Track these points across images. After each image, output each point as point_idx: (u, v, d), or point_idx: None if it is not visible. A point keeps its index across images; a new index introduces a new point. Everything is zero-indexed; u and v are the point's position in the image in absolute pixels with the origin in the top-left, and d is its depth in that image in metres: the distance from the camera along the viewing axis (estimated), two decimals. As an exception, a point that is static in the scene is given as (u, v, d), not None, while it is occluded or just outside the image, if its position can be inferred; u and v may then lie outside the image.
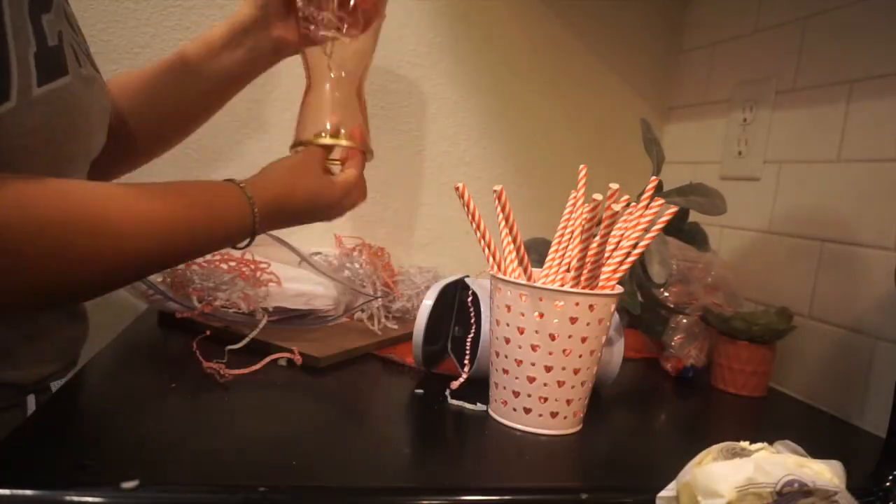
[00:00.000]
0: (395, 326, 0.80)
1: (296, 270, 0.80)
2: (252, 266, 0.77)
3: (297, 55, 0.70)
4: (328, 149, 0.66)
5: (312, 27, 0.66)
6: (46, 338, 0.56)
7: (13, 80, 0.43)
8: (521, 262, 0.56)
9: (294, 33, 0.67)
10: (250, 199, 0.56)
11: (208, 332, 0.69)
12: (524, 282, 0.54)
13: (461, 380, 0.62)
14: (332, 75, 0.68)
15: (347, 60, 0.68)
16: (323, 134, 0.66)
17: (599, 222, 0.51)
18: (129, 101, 0.67)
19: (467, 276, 0.69)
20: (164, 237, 0.50)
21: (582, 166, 0.61)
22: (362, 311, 0.81)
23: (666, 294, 0.81)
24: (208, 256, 0.75)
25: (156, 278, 0.75)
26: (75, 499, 0.37)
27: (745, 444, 0.41)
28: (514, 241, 0.56)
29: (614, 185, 0.53)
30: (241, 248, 0.59)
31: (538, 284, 0.53)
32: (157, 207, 0.50)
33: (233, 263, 0.76)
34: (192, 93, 0.69)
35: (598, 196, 0.51)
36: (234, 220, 0.56)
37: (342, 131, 0.67)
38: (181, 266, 0.74)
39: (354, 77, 0.69)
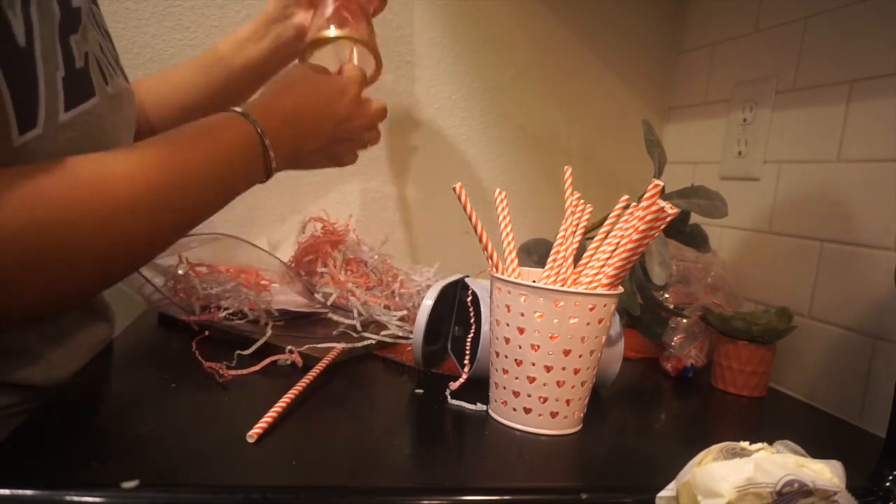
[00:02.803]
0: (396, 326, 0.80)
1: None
2: (252, 272, 0.77)
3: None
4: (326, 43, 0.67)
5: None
6: (73, 339, 0.57)
7: (41, 106, 0.42)
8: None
9: None
10: (255, 122, 0.53)
11: (207, 333, 0.69)
12: (524, 282, 0.54)
13: (461, 380, 0.62)
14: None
15: None
16: (323, 32, 0.67)
17: (601, 223, 0.51)
18: (155, 102, 0.70)
19: (467, 276, 0.69)
20: (163, 203, 0.47)
21: (566, 168, 0.61)
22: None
23: (666, 296, 0.81)
24: (206, 261, 0.76)
25: (157, 284, 0.75)
26: (75, 499, 0.37)
27: (745, 444, 0.41)
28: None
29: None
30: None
31: (538, 284, 0.53)
32: (152, 173, 0.46)
33: (233, 269, 0.76)
34: (218, 86, 0.71)
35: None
36: (242, 155, 0.53)
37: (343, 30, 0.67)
38: (182, 271, 0.74)
39: None
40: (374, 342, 0.72)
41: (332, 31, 0.65)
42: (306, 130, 0.59)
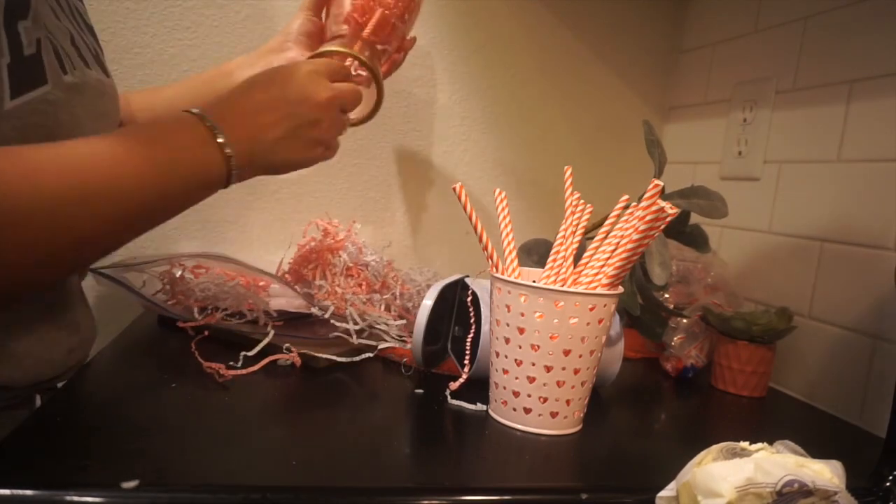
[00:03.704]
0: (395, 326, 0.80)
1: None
2: (249, 275, 0.77)
3: None
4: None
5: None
6: (59, 339, 0.56)
7: None
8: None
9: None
10: (212, 126, 0.50)
11: (207, 333, 0.69)
12: (524, 282, 0.54)
13: (461, 380, 0.62)
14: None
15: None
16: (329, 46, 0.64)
17: (601, 223, 0.51)
18: (147, 116, 0.70)
19: (467, 276, 0.69)
20: (135, 191, 0.46)
21: (566, 167, 0.61)
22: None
23: (666, 296, 0.81)
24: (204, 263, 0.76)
25: (156, 286, 0.75)
26: (75, 499, 0.37)
27: (745, 444, 0.41)
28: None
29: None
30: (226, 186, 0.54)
31: (538, 284, 0.53)
32: (93, 162, 0.45)
33: (231, 273, 0.76)
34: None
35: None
36: (191, 154, 0.50)
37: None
38: (178, 273, 0.74)
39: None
40: (374, 344, 0.71)
41: (336, 46, 0.62)
42: (265, 118, 0.55)
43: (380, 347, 0.70)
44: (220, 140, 0.51)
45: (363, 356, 0.69)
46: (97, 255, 0.50)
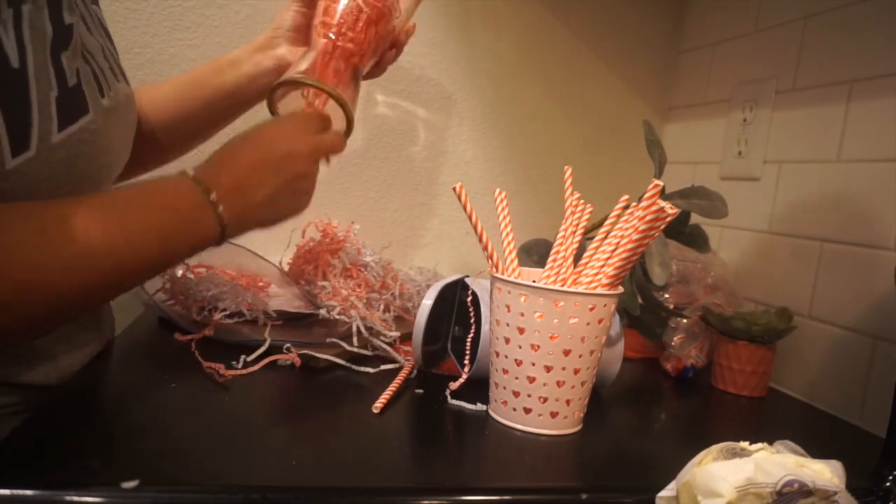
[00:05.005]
0: (394, 326, 0.80)
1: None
2: (250, 276, 0.77)
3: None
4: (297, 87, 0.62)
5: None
6: (76, 341, 0.57)
7: (34, 128, 0.42)
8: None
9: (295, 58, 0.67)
10: (205, 190, 0.49)
11: (206, 333, 0.69)
12: (524, 282, 0.54)
13: (461, 380, 0.62)
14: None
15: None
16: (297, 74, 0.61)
17: (601, 223, 0.51)
18: (154, 109, 0.70)
19: (467, 276, 0.69)
20: (107, 260, 0.44)
21: (566, 167, 0.61)
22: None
23: (666, 296, 0.81)
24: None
25: (156, 285, 0.75)
26: (75, 499, 0.37)
27: (745, 444, 0.41)
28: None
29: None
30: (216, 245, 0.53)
31: (538, 284, 0.53)
32: (96, 228, 0.44)
33: (231, 272, 0.76)
34: (195, 106, 0.70)
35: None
36: (188, 219, 0.49)
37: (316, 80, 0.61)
38: (179, 272, 0.74)
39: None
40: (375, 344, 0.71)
41: (301, 76, 0.60)
42: (254, 180, 0.55)
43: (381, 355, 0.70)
44: (216, 207, 0.50)
45: (363, 353, 0.69)
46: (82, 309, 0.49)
